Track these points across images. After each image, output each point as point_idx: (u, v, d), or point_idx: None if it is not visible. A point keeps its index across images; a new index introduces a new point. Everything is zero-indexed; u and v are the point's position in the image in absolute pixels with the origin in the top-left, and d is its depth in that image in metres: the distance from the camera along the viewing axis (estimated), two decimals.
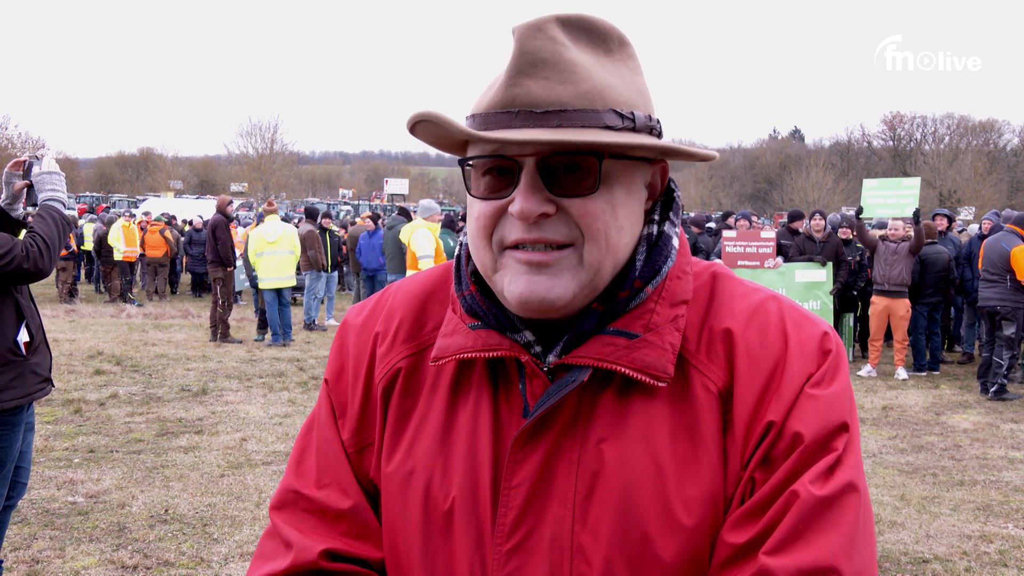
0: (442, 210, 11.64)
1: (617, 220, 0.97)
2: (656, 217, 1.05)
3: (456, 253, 1.11)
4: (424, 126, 0.97)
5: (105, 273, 18.75)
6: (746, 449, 0.95)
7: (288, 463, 1.17)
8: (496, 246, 0.98)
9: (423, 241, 10.13)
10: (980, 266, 10.04)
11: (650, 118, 0.99)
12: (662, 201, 1.07)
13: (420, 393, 1.08)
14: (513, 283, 0.96)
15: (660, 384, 0.96)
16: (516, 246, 0.96)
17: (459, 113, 0.99)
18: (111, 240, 17.94)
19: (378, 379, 1.10)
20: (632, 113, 0.96)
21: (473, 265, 1.06)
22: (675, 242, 1.04)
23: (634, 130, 0.96)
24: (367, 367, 1.12)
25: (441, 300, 1.13)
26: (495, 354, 1.01)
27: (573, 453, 0.98)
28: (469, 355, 1.02)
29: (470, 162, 0.99)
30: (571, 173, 0.94)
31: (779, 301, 1.04)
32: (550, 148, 0.92)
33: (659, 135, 1.01)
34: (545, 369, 1.00)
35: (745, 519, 0.93)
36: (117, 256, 18.00)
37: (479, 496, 1.00)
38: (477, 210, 0.99)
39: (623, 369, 0.96)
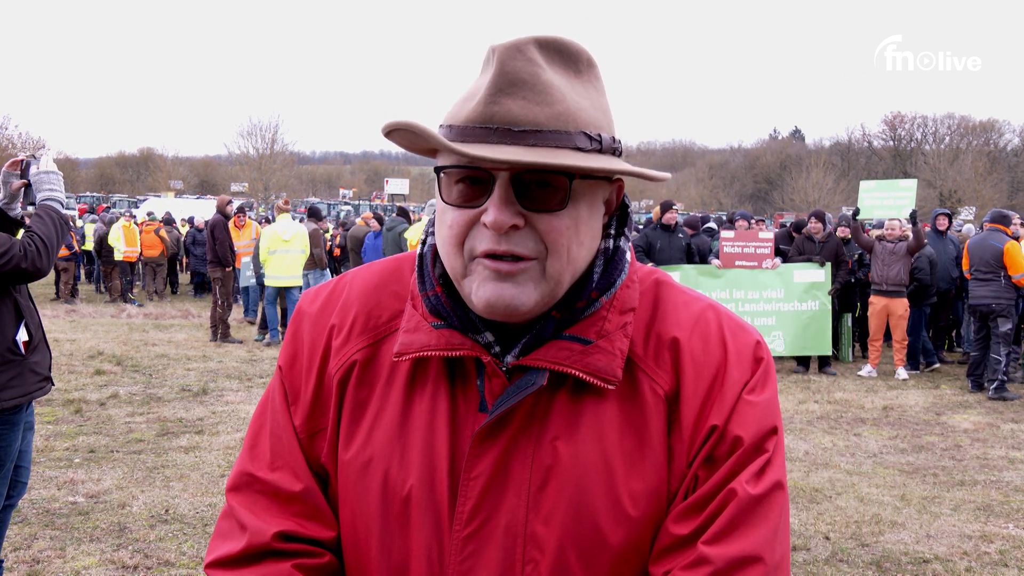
0: None
1: (579, 236, 1.03)
2: (612, 232, 1.13)
3: (419, 252, 1.16)
4: (401, 132, 1.02)
5: (106, 273, 18.74)
6: (691, 449, 1.05)
7: (243, 446, 1.22)
8: (467, 254, 1.03)
9: None
10: (965, 267, 10.14)
11: (614, 139, 1.07)
12: (617, 216, 1.14)
13: (376, 384, 1.13)
14: (481, 288, 1.02)
15: (610, 387, 1.04)
16: (486, 255, 1.01)
17: (438, 116, 1.05)
18: (111, 240, 17.94)
19: (333, 371, 1.15)
20: (599, 135, 1.03)
21: (441, 268, 1.11)
22: (628, 255, 1.13)
23: (600, 151, 1.03)
24: (321, 357, 1.16)
25: (395, 292, 1.17)
26: (457, 353, 1.07)
27: (529, 449, 1.05)
28: (433, 353, 1.07)
29: (445, 170, 1.04)
30: (542, 189, 1.00)
31: (716, 310, 1.12)
32: (525, 167, 0.97)
33: (620, 154, 1.08)
34: (504, 369, 1.07)
35: (688, 512, 1.03)
36: (118, 256, 18.00)
37: (436, 485, 1.07)
38: (450, 218, 1.04)
39: (577, 372, 1.04)
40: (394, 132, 1.02)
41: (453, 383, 1.10)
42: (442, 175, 1.04)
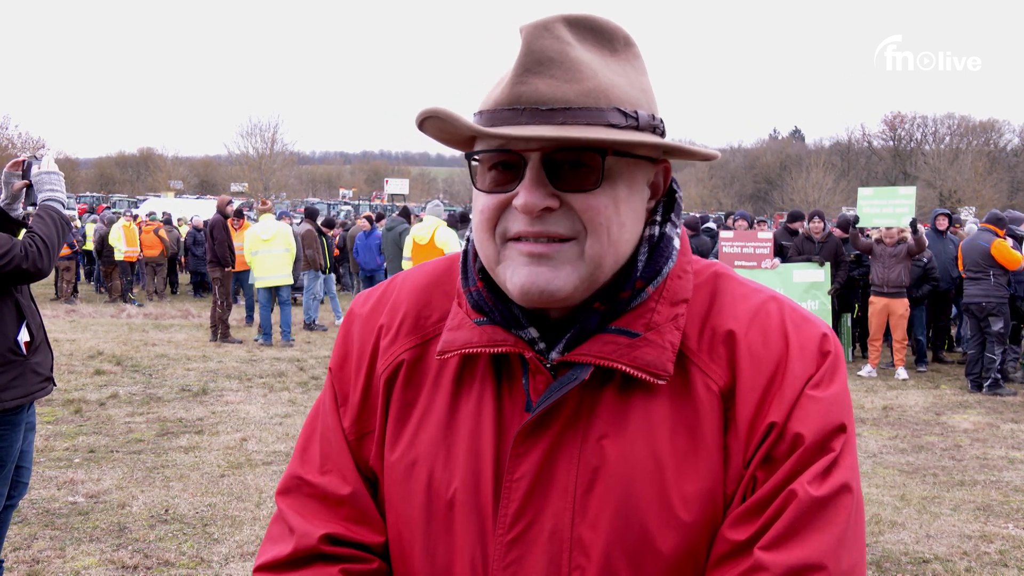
0: (444, 210, 11.78)
1: (619, 216, 0.98)
2: (658, 218, 1.07)
3: (463, 248, 1.13)
4: (432, 122, 0.99)
5: (106, 273, 18.72)
6: (748, 448, 0.98)
7: (295, 449, 1.20)
8: (499, 238, 0.99)
9: (452, 239, 10.48)
10: (961, 267, 10.28)
11: (653, 117, 1.01)
12: (664, 202, 1.08)
13: (423, 385, 1.10)
14: (515, 274, 0.97)
15: (660, 382, 0.98)
16: (518, 238, 0.97)
17: (464, 109, 0.99)
18: (112, 240, 17.92)
19: (380, 371, 1.13)
20: (636, 112, 0.98)
21: (480, 262, 1.07)
22: (676, 243, 1.06)
23: (637, 128, 0.98)
24: (370, 358, 1.14)
25: (446, 292, 1.14)
26: (500, 350, 1.03)
27: (574, 448, 1.00)
28: (474, 350, 1.04)
29: (476, 156, 1.00)
30: (575, 169, 0.96)
31: (779, 302, 1.06)
32: (554, 144, 0.94)
33: (662, 134, 1.03)
34: (548, 365, 1.02)
35: (745, 517, 0.96)
36: (119, 256, 17.98)
37: (481, 487, 1.03)
38: (482, 203, 1.01)
39: (623, 367, 0.98)
40: (426, 121, 0.99)
41: (499, 382, 1.06)
42: (475, 163, 1.01)
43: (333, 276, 15.55)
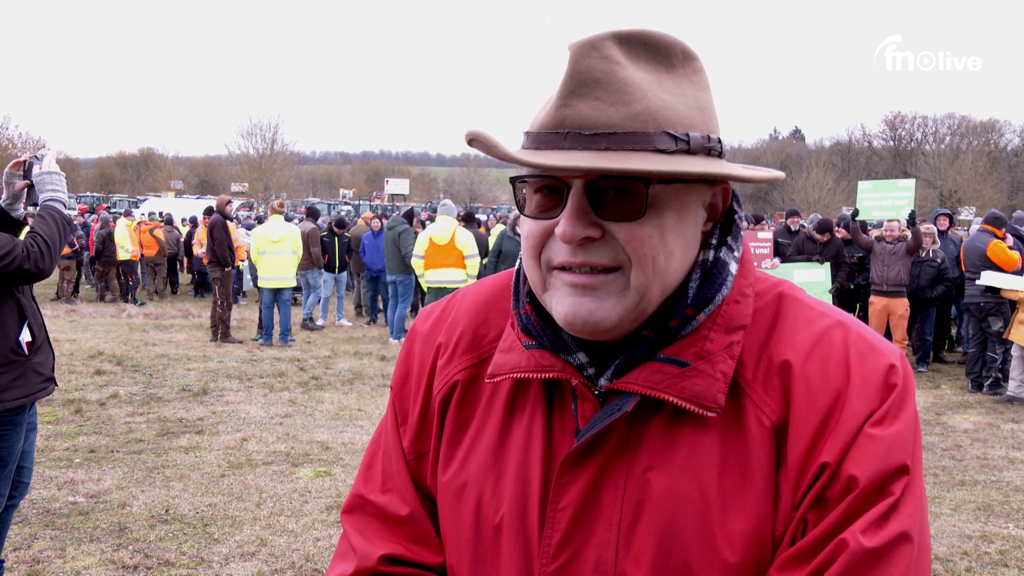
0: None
1: (666, 245, 0.94)
2: (714, 241, 1.02)
3: (516, 268, 1.11)
4: (477, 143, 0.97)
5: (101, 273, 18.61)
6: (799, 489, 0.92)
7: (359, 467, 1.21)
8: (544, 266, 0.97)
9: (470, 240, 10.54)
10: (963, 267, 10.31)
11: (708, 139, 0.96)
12: (722, 223, 1.03)
13: (477, 406, 1.09)
14: (559, 303, 0.96)
15: (709, 415, 0.94)
16: (561, 267, 0.95)
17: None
18: (118, 239, 17.84)
19: (436, 391, 1.12)
20: (687, 135, 0.93)
21: (529, 285, 1.05)
22: (732, 267, 1.01)
23: (688, 152, 0.93)
24: (428, 378, 1.13)
25: (503, 309, 1.13)
26: (548, 375, 1.01)
27: (620, 479, 0.97)
28: (523, 375, 1.02)
29: (522, 179, 0.98)
30: (619, 196, 0.92)
31: (846, 328, 0.99)
32: (594, 174, 0.91)
33: (719, 154, 0.98)
34: (596, 392, 0.99)
35: (793, 562, 0.91)
36: (124, 256, 17.91)
37: (528, 514, 1.01)
38: (527, 229, 0.99)
39: (671, 398, 0.94)
40: (474, 141, 0.97)
41: (551, 406, 1.04)
42: (520, 185, 0.99)
43: (344, 276, 15.54)
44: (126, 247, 17.80)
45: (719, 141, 0.98)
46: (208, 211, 14.64)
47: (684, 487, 0.94)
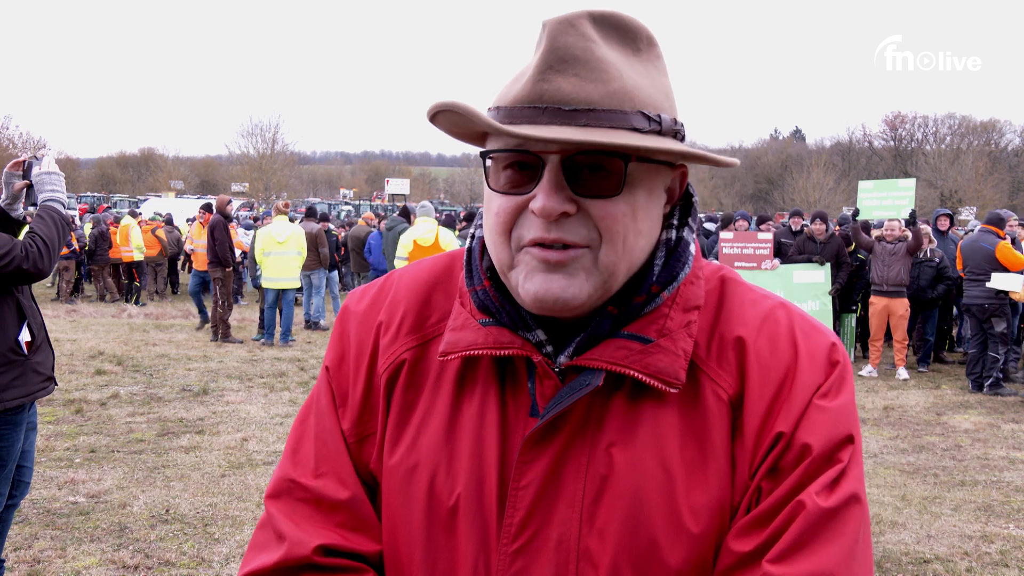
0: (443, 211, 11.83)
1: (636, 224, 0.96)
2: (675, 222, 1.04)
3: (468, 246, 1.09)
4: (445, 115, 0.95)
5: (96, 273, 18.57)
6: (755, 458, 0.96)
7: (284, 451, 1.14)
8: (515, 243, 0.96)
9: (453, 239, 10.50)
10: (960, 267, 10.30)
11: (675, 122, 0.98)
12: (680, 205, 1.06)
13: (424, 386, 1.07)
14: (528, 280, 0.95)
15: (672, 390, 0.96)
16: (534, 244, 0.94)
17: (476, 103, 0.96)
18: (132, 239, 17.77)
19: (381, 370, 1.09)
20: (659, 116, 0.95)
21: (488, 261, 1.04)
22: (692, 248, 1.04)
23: (660, 133, 0.95)
24: (369, 356, 1.10)
25: (446, 291, 1.11)
26: (506, 352, 1.00)
27: (583, 456, 0.97)
28: (480, 352, 1.01)
29: (491, 154, 0.97)
30: (595, 173, 0.93)
31: (788, 309, 1.04)
32: (576, 147, 0.91)
33: (682, 139, 1.01)
34: (556, 370, 0.99)
35: (751, 528, 0.94)
36: (138, 256, 17.87)
37: (485, 494, 1.00)
38: (496, 205, 0.97)
39: (636, 374, 0.96)
40: (438, 115, 0.95)
41: (503, 385, 1.03)
42: (489, 161, 0.98)
43: (336, 274, 15.58)
44: (139, 246, 17.70)
45: (682, 125, 1.01)
46: (206, 208, 14.60)
47: (647, 462, 0.96)
